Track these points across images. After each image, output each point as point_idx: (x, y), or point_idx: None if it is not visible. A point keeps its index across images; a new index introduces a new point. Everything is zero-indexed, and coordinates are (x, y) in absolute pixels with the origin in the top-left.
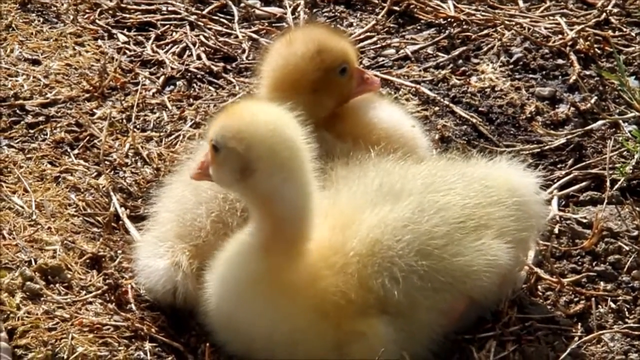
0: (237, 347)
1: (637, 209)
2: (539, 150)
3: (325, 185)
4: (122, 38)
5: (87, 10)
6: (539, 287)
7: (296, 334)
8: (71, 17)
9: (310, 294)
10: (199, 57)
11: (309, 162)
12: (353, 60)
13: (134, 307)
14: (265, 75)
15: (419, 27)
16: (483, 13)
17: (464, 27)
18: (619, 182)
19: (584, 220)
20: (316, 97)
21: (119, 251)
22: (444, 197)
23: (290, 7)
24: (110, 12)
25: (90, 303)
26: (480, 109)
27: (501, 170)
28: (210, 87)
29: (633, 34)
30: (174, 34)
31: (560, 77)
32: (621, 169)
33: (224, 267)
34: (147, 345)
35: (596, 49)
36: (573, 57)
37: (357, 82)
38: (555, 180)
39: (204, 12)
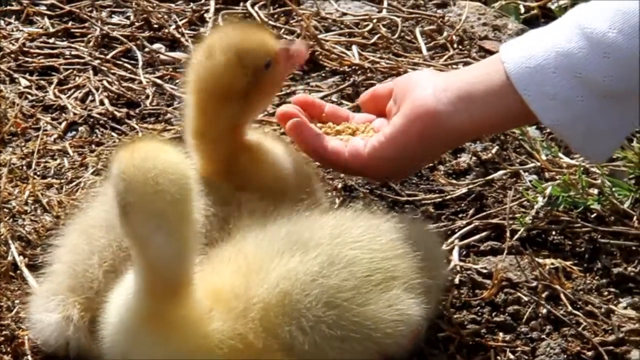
0: None
1: (536, 259)
2: (440, 199)
3: (228, 234)
4: (23, 82)
5: None
6: (439, 337)
7: None
8: None
9: (201, 333)
10: (102, 103)
11: (189, 214)
12: (274, 48)
13: (30, 359)
14: (192, 89)
15: (323, 75)
16: (387, 61)
17: (369, 74)
18: (519, 232)
19: (484, 271)
20: (249, 100)
21: (17, 301)
22: (351, 250)
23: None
24: (12, 55)
25: None
26: None
27: (405, 223)
28: (113, 134)
29: None
30: (77, 78)
31: None
32: (521, 219)
33: (112, 307)
34: None
35: None
36: None
37: (284, 63)
38: (456, 230)
39: (108, 57)
